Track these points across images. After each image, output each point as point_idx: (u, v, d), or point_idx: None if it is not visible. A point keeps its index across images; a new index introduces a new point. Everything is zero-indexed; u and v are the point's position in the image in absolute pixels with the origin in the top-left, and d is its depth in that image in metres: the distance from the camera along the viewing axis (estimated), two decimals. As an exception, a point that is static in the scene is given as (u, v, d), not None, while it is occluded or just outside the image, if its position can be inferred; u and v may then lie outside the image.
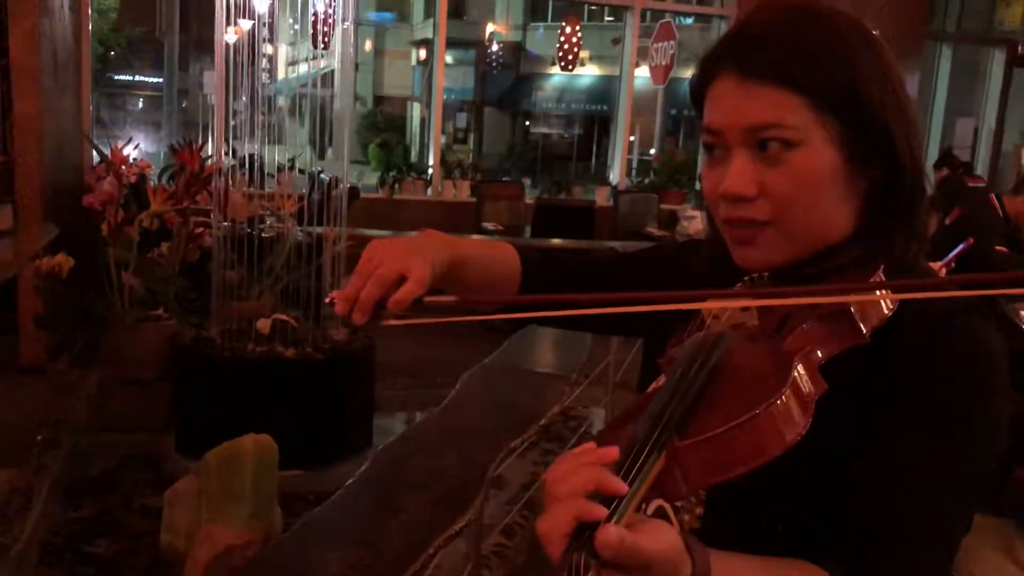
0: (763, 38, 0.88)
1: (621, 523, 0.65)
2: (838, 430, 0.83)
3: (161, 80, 14.34)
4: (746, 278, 0.96)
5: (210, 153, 4.48)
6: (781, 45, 0.87)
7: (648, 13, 8.63)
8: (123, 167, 3.97)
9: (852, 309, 0.80)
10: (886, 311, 0.83)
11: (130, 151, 4.08)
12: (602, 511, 0.65)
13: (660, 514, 0.92)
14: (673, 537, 0.67)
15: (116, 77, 14.96)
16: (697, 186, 7.93)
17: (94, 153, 5.53)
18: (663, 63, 7.91)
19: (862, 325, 0.81)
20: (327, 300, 0.95)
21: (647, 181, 8.26)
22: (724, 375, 0.78)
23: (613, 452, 0.71)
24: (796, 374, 0.74)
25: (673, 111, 14.30)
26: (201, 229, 4.17)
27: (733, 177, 0.89)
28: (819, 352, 0.79)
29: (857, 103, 0.87)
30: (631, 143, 8.74)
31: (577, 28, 7.76)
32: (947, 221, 4.18)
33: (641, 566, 0.64)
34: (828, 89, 0.86)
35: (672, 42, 7.77)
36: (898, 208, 0.90)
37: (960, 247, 3.35)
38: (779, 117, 0.86)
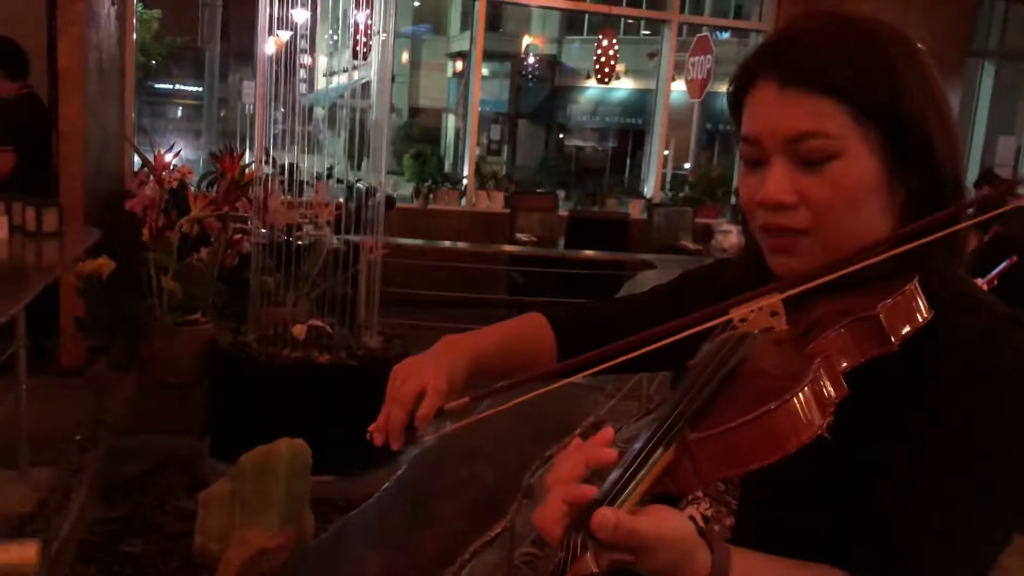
0: (803, 46, 0.88)
1: (623, 508, 0.66)
2: (870, 440, 0.83)
3: (201, 89, 14.56)
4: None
5: (249, 160, 4.53)
6: (821, 53, 0.87)
7: (685, 27, 8.62)
8: (164, 173, 4.03)
9: (881, 316, 0.79)
10: (920, 320, 0.82)
11: (171, 158, 4.14)
12: (590, 490, 0.67)
13: None
14: (681, 523, 0.68)
15: (157, 86, 15.23)
16: (733, 200, 7.88)
17: (136, 159, 5.62)
18: (699, 77, 7.89)
19: (891, 333, 0.80)
20: (368, 437, 1.01)
21: (681, 195, 8.23)
22: (745, 375, 0.79)
23: (607, 433, 0.72)
24: (816, 374, 0.74)
25: (709, 125, 14.26)
26: (240, 235, 4.22)
27: (772, 185, 0.88)
28: (844, 356, 0.79)
29: (898, 112, 0.86)
30: (666, 157, 8.71)
31: (614, 41, 7.76)
32: (985, 238, 4.12)
33: (642, 548, 0.65)
34: (868, 98, 0.85)
35: (709, 56, 7.74)
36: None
37: (1003, 265, 3.30)
38: (819, 126, 0.86)
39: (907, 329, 0.81)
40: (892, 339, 0.80)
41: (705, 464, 0.71)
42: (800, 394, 0.71)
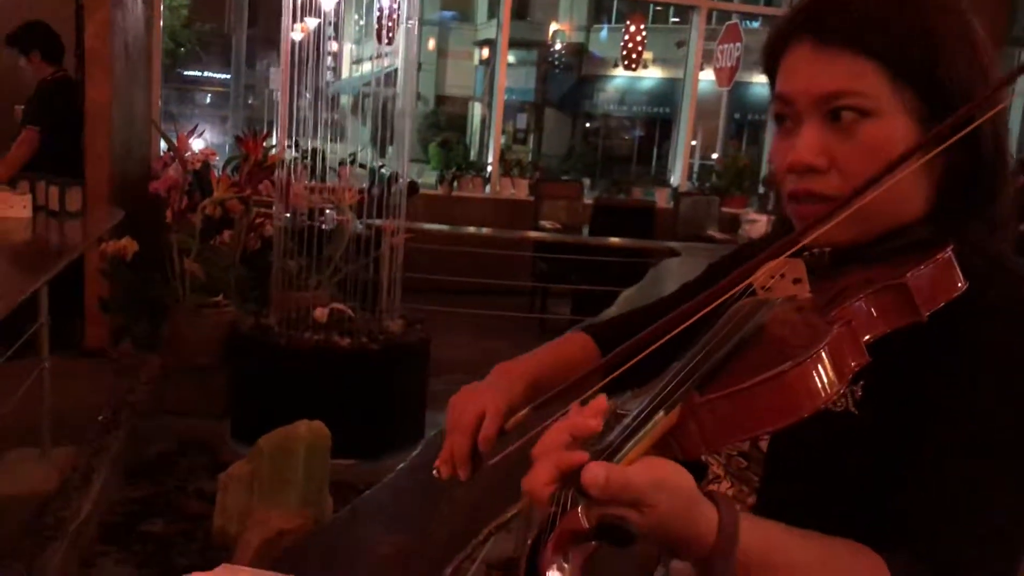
0: (839, 4, 0.85)
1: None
2: (900, 414, 0.80)
3: (228, 76, 14.64)
4: (805, 252, 0.92)
5: (274, 143, 4.53)
6: (857, 11, 0.84)
7: (714, 15, 8.52)
8: (188, 154, 4.04)
9: (909, 285, 0.76)
10: (954, 291, 0.79)
11: (194, 139, 4.15)
12: (582, 456, 0.63)
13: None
14: (677, 471, 0.65)
15: (185, 73, 15.32)
16: (760, 190, 7.80)
17: (162, 144, 5.64)
18: (728, 65, 7.80)
19: (920, 303, 0.77)
20: (434, 473, 0.98)
21: (709, 184, 8.15)
22: (763, 341, 0.76)
23: (600, 402, 0.70)
24: (834, 339, 0.71)
25: (737, 115, 14.12)
26: (262, 219, 4.22)
27: (803, 147, 0.86)
28: (867, 324, 0.76)
29: (935, 76, 0.83)
30: (693, 146, 8.63)
31: (642, 27, 7.69)
32: (1022, 228, 4.05)
33: (638, 501, 0.62)
34: (905, 57, 0.82)
35: (738, 44, 7.65)
36: (975, 190, 0.85)
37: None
38: (853, 85, 0.83)
39: (939, 299, 0.78)
40: (921, 309, 0.77)
41: (712, 426, 0.69)
42: (816, 357, 0.69)
